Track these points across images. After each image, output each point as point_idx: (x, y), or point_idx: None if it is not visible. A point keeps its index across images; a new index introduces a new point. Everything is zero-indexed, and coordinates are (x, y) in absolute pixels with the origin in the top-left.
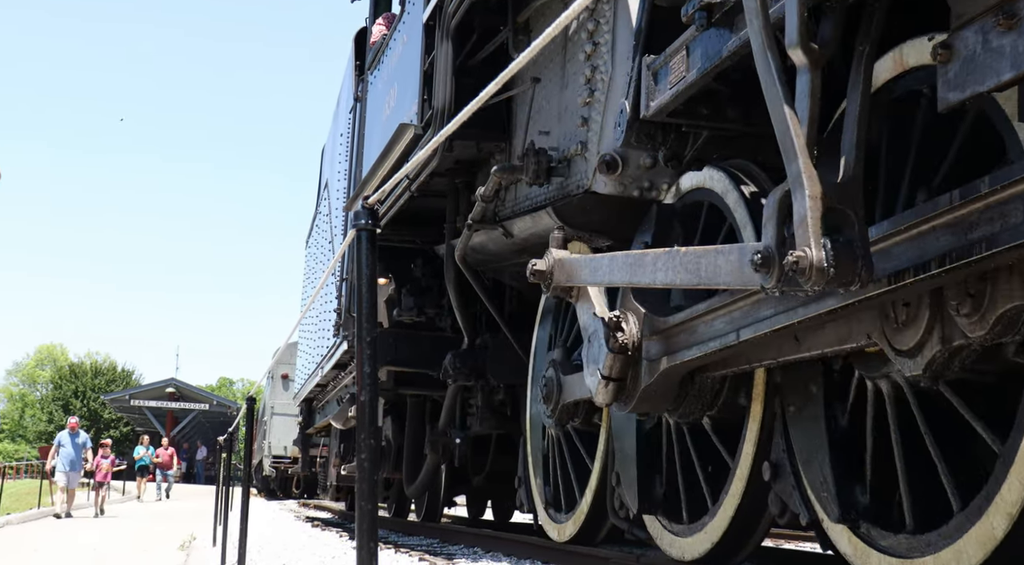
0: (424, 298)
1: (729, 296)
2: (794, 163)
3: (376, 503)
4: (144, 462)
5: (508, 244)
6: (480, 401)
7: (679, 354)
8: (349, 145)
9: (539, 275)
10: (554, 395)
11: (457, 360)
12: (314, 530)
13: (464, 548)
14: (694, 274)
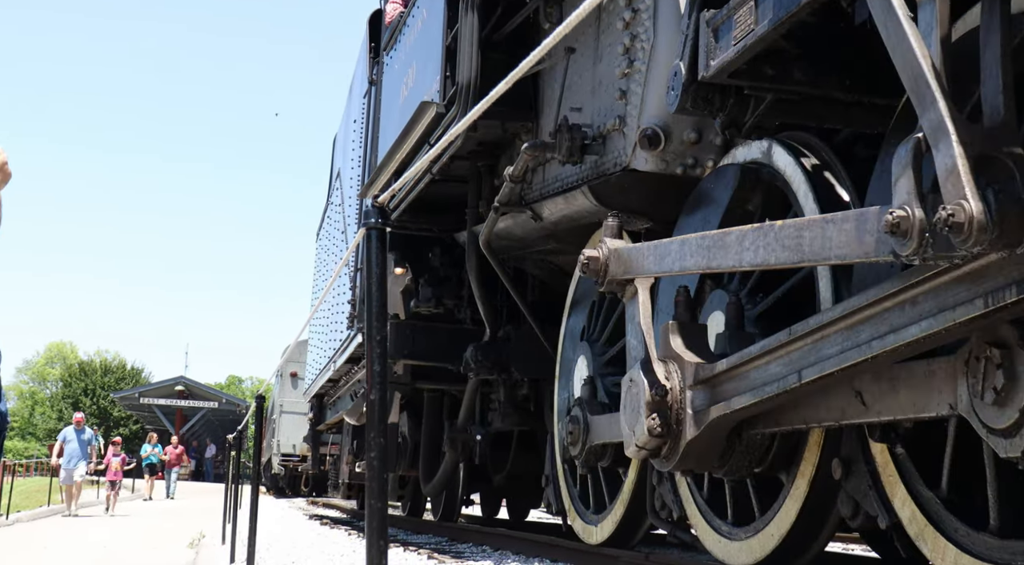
0: (442, 289)
1: (786, 335)
2: (932, 109)
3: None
4: (151, 460)
5: (536, 229)
6: (502, 396)
7: (729, 403)
8: (363, 131)
9: (591, 267)
10: (581, 436)
11: (479, 353)
12: (323, 528)
13: (473, 546)
14: (794, 251)
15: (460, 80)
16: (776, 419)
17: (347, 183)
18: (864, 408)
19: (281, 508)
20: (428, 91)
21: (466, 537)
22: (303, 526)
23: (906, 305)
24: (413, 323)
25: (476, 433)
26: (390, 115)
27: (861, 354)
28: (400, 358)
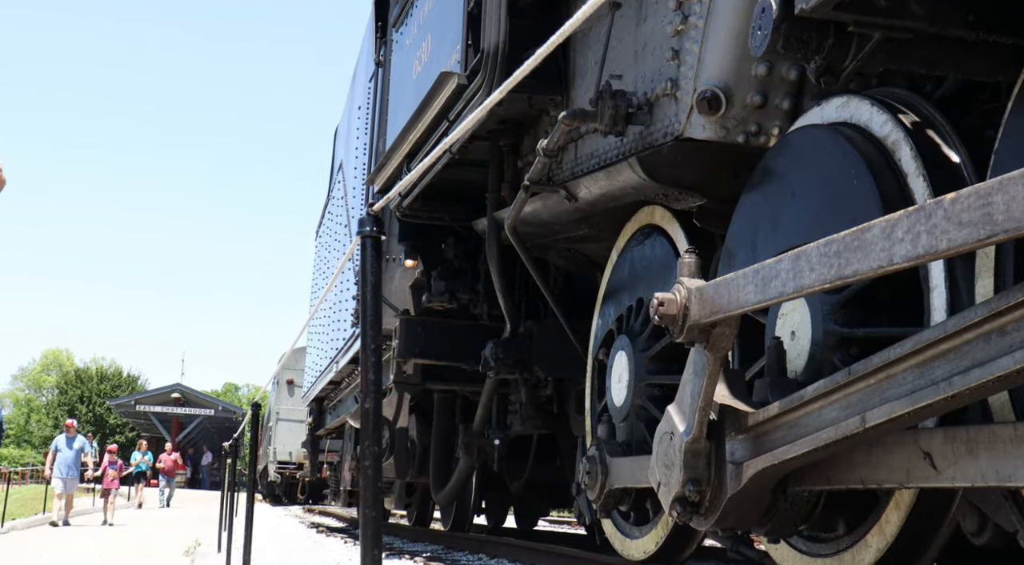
0: (456, 282)
1: (846, 375)
2: None
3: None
4: (141, 468)
5: (567, 211)
6: (523, 397)
7: (774, 453)
8: (369, 117)
9: (666, 313)
10: (599, 478)
11: (499, 350)
12: (319, 536)
13: (468, 554)
14: (980, 225)
15: (486, 47)
16: (828, 476)
17: (350, 174)
18: (935, 471)
19: (277, 516)
20: (446, 63)
21: (463, 545)
22: (299, 534)
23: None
24: (424, 319)
25: (494, 437)
26: (401, 95)
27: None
28: (411, 357)
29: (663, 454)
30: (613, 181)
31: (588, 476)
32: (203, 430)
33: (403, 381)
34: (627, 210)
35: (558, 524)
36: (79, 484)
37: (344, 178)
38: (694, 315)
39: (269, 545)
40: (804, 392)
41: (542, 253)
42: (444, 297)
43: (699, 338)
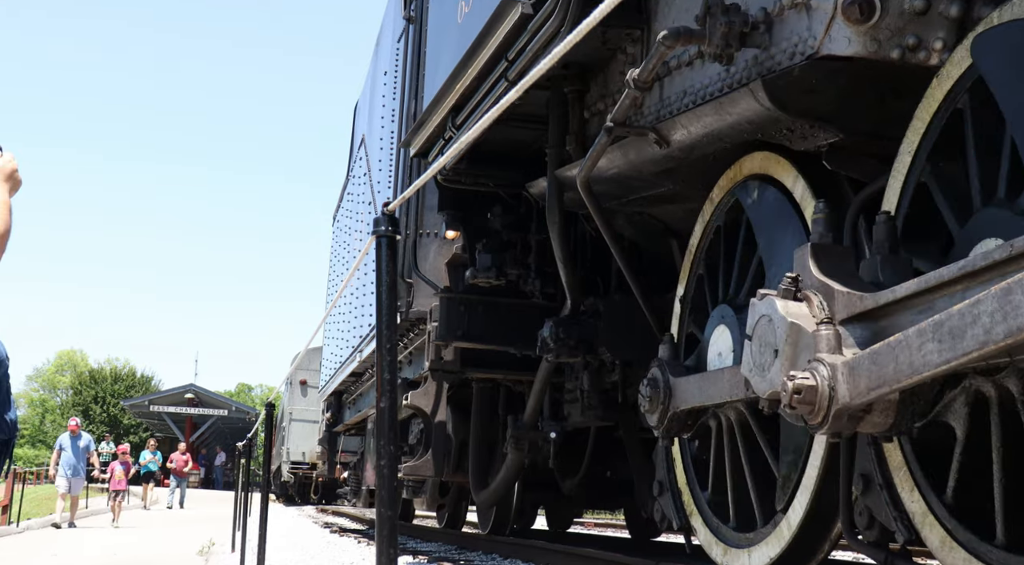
0: (504, 256)
1: (1007, 250)
2: None
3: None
4: (150, 468)
5: (653, 161)
6: (585, 383)
7: None
8: (398, 81)
9: (804, 400)
10: (660, 400)
11: (560, 329)
12: (332, 536)
13: (482, 554)
14: None
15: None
16: None
17: (375, 146)
18: None
19: (291, 516)
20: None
21: (475, 545)
22: (313, 534)
23: None
24: (468, 297)
25: (550, 430)
26: (441, 45)
27: None
28: (453, 340)
29: (760, 344)
30: (724, 116)
31: (649, 400)
32: (216, 430)
33: (441, 369)
34: (726, 157)
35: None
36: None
37: (367, 153)
38: (843, 398)
39: (283, 545)
40: (944, 271)
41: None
42: (490, 273)
43: (846, 428)
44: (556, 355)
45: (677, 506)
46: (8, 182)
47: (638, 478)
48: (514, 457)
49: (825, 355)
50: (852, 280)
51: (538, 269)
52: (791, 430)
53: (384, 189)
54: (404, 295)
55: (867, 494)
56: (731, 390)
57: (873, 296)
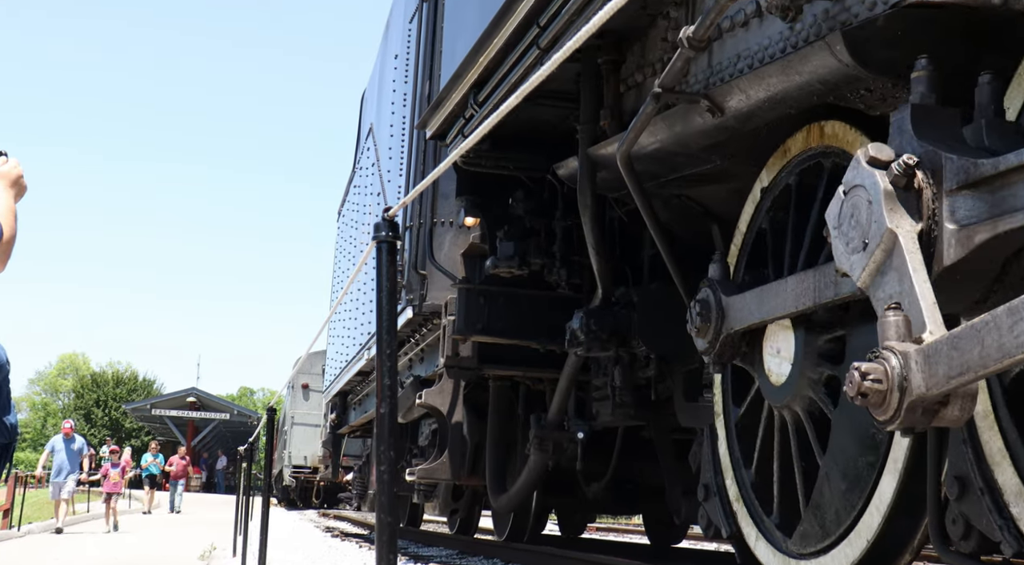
0: (527, 244)
1: None
2: None
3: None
4: (151, 471)
5: (703, 133)
6: (618, 379)
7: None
8: (410, 63)
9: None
10: (713, 323)
11: (592, 321)
12: (334, 540)
13: (483, 559)
14: None
15: None
16: None
17: (384, 133)
18: None
19: (292, 520)
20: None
21: (477, 550)
22: (314, 538)
23: None
24: (488, 289)
25: (577, 429)
26: (461, 19)
27: None
28: (472, 334)
29: (851, 219)
30: (792, 76)
31: (699, 323)
32: (218, 434)
33: (457, 365)
34: (784, 128)
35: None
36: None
37: (376, 142)
38: (917, 388)
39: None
40: None
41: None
42: (513, 261)
43: (921, 422)
44: (587, 349)
45: (726, 512)
46: (13, 188)
47: (670, 481)
48: (537, 459)
49: (895, 343)
50: (960, 146)
51: (563, 258)
52: (862, 423)
53: (395, 177)
54: (418, 287)
55: (963, 499)
56: (797, 300)
57: (992, 161)
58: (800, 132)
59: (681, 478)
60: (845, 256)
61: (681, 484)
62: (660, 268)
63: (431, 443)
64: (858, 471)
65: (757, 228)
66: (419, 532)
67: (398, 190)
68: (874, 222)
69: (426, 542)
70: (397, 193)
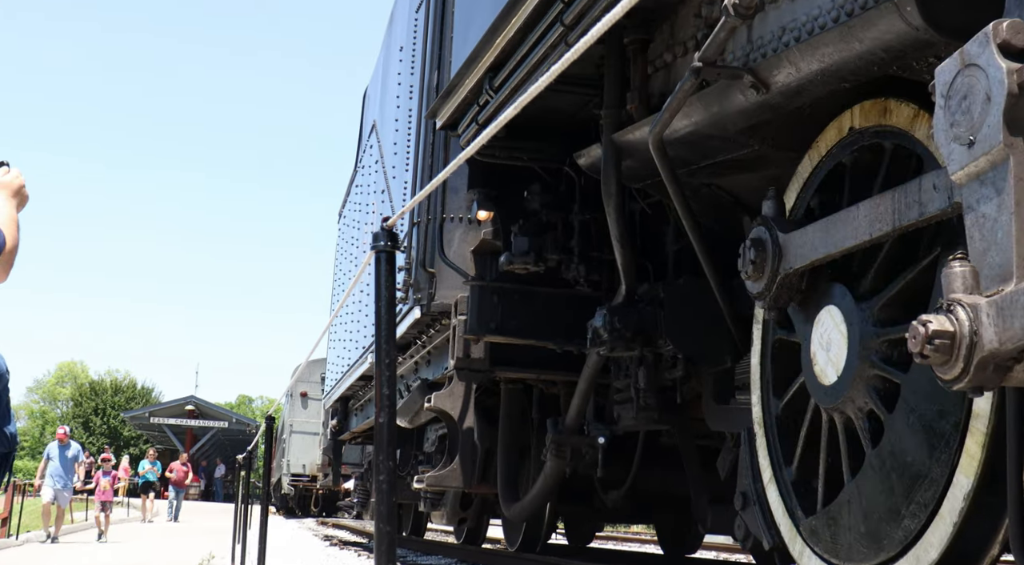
0: (544, 239)
1: None
2: None
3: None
4: (149, 478)
5: (742, 113)
6: (642, 381)
7: None
8: (418, 52)
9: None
10: (769, 263)
11: (616, 318)
12: (332, 549)
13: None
14: None
15: None
16: None
17: (389, 129)
18: None
19: (291, 528)
20: None
21: (475, 559)
22: (313, 546)
23: None
24: (502, 286)
25: (598, 434)
26: (474, 2)
27: None
28: (485, 334)
29: (964, 110)
30: (851, 44)
31: (752, 264)
32: (217, 442)
33: (468, 368)
34: (830, 106)
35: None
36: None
37: (379, 139)
38: (988, 343)
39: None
40: None
41: (663, 195)
42: (528, 257)
43: (992, 381)
44: (610, 348)
45: (767, 522)
46: (15, 198)
47: (695, 489)
48: (555, 465)
49: (962, 295)
50: None
51: (582, 253)
52: (931, 406)
53: (400, 173)
54: (426, 286)
55: None
56: (872, 226)
57: None
58: (852, 110)
59: (709, 485)
60: (945, 135)
61: (707, 492)
62: (685, 263)
63: (438, 449)
64: (922, 472)
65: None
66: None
67: (404, 187)
68: (987, 125)
69: (426, 551)
70: (403, 190)
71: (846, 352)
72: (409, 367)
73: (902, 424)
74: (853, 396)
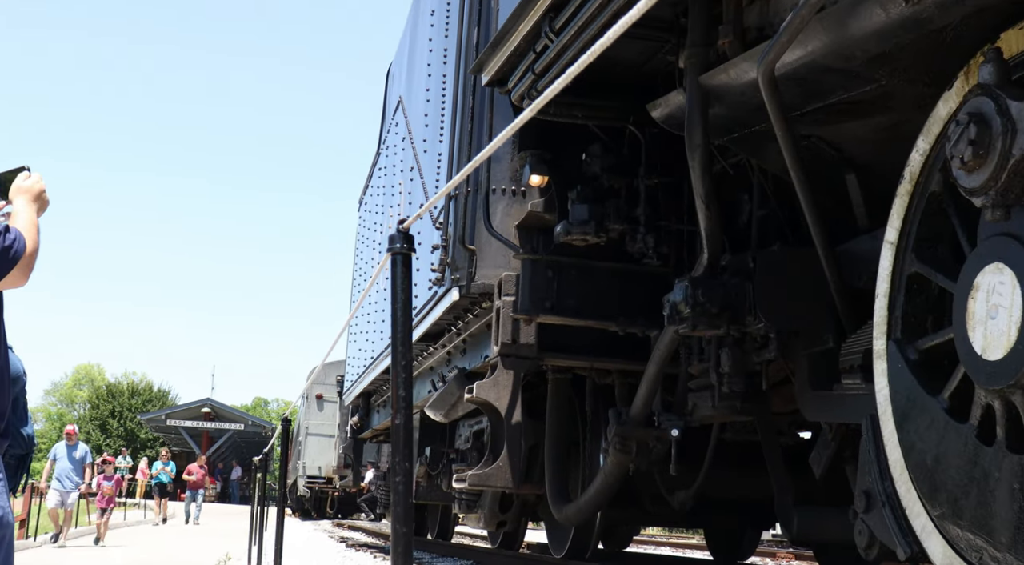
0: (605, 207)
1: None
2: None
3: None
4: (162, 479)
5: (875, 36)
6: (726, 364)
7: None
8: (456, 9)
9: None
10: (998, 144)
11: (700, 291)
12: (348, 550)
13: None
14: None
15: None
16: None
17: (418, 101)
18: None
19: (307, 530)
20: None
21: (492, 561)
22: (329, 548)
23: None
24: (558, 260)
25: (671, 426)
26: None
27: None
28: (539, 313)
29: None
30: None
31: (971, 147)
32: (233, 444)
33: (515, 353)
34: (981, 28)
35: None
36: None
37: (407, 114)
38: None
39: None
40: None
41: (751, 152)
42: (588, 227)
43: None
44: (692, 325)
45: (902, 527)
46: (36, 202)
47: (780, 487)
48: (617, 461)
49: None
50: None
51: (649, 222)
52: None
53: (433, 146)
54: (465, 265)
55: None
56: None
57: None
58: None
59: (791, 485)
60: None
61: (790, 492)
62: (771, 231)
63: (473, 446)
64: None
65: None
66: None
67: (437, 160)
68: None
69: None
70: (436, 164)
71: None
72: (441, 357)
73: None
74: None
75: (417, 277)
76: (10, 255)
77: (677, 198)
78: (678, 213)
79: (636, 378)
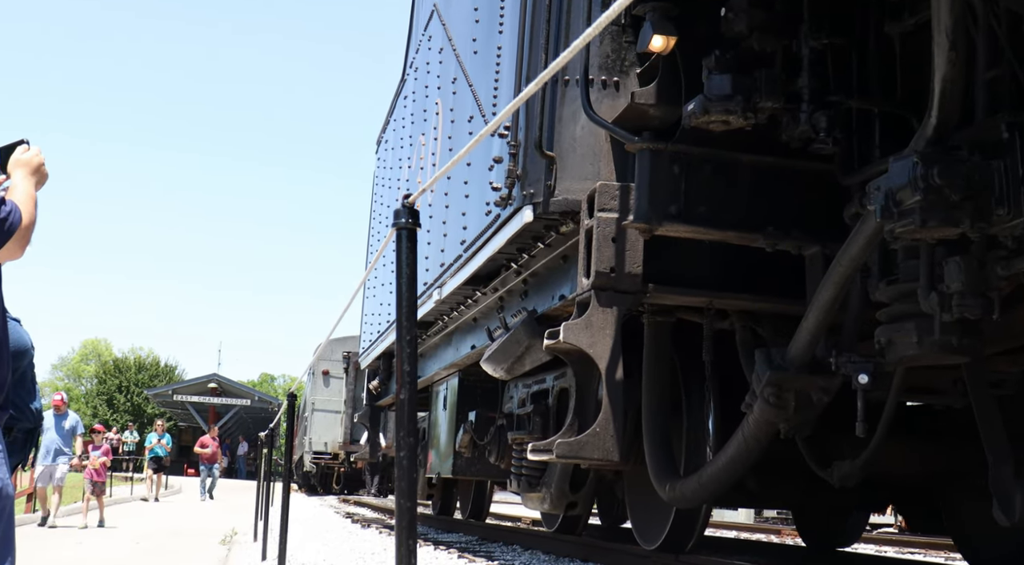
0: (753, 78)
1: None
2: None
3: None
4: (157, 452)
5: None
6: (957, 279)
7: None
8: None
9: None
10: None
11: (935, 171)
12: (354, 526)
13: (503, 545)
14: None
15: None
16: None
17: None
18: None
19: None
20: None
21: (496, 536)
22: (334, 523)
23: None
24: (688, 150)
25: (856, 371)
26: None
27: None
28: (663, 222)
29: None
30: None
31: None
32: (239, 420)
33: (614, 287)
34: None
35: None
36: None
37: (445, 21)
38: None
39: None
40: None
41: None
42: (732, 104)
43: None
44: (922, 220)
45: None
46: (35, 175)
47: (997, 455)
48: (766, 419)
49: None
50: None
51: (816, 97)
52: None
53: (488, 39)
54: (542, 176)
55: None
56: None
57: None
58: None
59: (1012, 453)
60: None
61: (1011, 461)
62: (1005, 100)
63: (536, 410)
64: None
65: None
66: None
67: (497, 55)
68: None
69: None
70: (495, 61)
71: None
72: (492, 303)
73: None
74: None
75: (466, 204)
76: (5, 227)
77: (844, 70)
78: (846, 89)
79: (761, 322)
